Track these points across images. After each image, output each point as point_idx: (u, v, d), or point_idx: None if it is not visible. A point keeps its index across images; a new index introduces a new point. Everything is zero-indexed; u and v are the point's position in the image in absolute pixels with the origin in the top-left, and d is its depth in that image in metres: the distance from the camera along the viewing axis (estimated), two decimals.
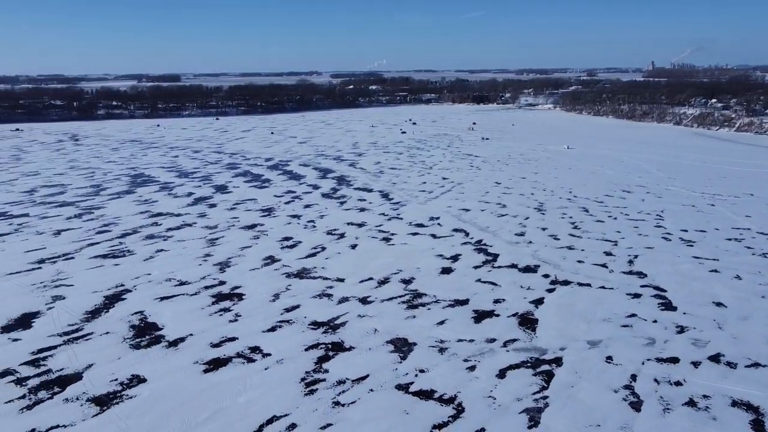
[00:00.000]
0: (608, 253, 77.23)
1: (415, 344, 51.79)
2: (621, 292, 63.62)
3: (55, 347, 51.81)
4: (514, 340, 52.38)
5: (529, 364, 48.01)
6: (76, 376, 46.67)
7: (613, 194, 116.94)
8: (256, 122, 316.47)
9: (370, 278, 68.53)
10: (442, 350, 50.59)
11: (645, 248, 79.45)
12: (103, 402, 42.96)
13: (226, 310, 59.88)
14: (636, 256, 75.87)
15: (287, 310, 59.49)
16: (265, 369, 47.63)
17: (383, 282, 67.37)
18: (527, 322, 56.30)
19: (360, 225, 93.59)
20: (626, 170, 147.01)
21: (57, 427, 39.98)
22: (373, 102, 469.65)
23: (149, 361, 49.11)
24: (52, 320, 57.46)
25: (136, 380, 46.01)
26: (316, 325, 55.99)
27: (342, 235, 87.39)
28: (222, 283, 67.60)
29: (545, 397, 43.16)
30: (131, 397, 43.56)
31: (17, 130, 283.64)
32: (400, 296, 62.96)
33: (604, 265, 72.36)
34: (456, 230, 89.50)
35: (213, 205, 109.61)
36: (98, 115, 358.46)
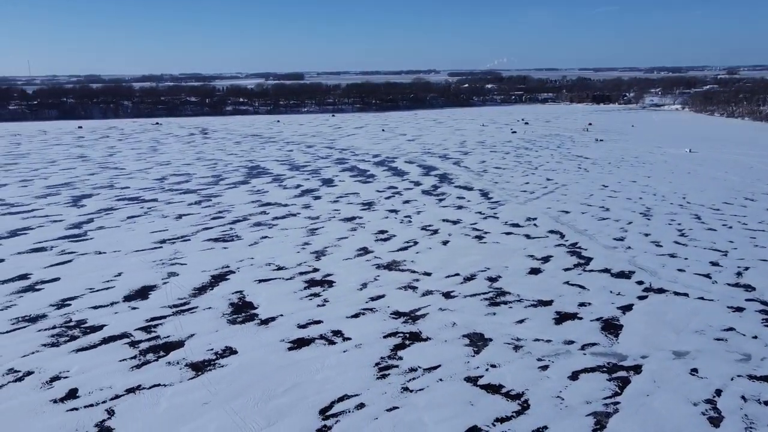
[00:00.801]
0: (714, 264, 72.67)
1: (490, 340, 52.43)
2: (721, 304, 59.99)
3: (164, 317, 58.06)
4: (593, 344, 51.44)
5: (604, 369, 47.11)
6: (179, 344, 52.19)
7: (732, 202, 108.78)
8: (369, 119, 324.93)
9: (457, 274, 69.61)
10: (516, 348, 50.85)
11: (758, 260, 73.85)
12: (199, 368, 47.87)
13: (316, 295, 63.67)
14: (746, 269, 70.81)
15: (372, 299, 62.18)
16: (344, 351, 50.48)
17: (469, 278, 68.20)
18: (611, 327, 54.91)
19: (455, 222, 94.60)
20: (754, 177, 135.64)
21: (158, 385, 45.24)
22: (487, 101, 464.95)
23: (242, 335, 53.71)
24: (165, 294, 64.21)
25: (229, 351, 50.65)
26: (397, 314, 58.16)
27: (435, 231, 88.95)
28: (316, 270, 71.71)
29: (616, 403, 42.34)
30: (222, 366, 48.13)
31: (157, 123, 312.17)
32: (483, 293, 63.57)
33: (707, 276, 68.32)
34: (552, 232, 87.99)
35: (318, 197, 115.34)
36: (226, 110, 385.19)
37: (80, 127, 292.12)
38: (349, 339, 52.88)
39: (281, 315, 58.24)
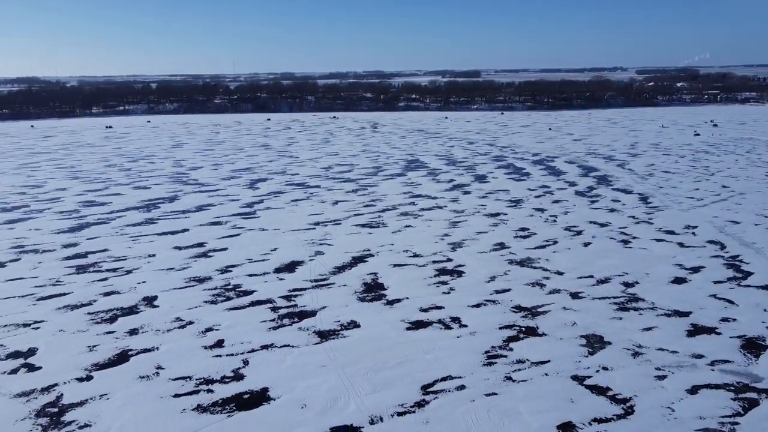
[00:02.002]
0: None
1: (609, 343, 51.02)
2: None
3: (304, 289, 64.62)
4: (725, 362, 47.75)
5: (731, 388, 43.76)
6: (312, 313, 58.07)
7: None
8: (538, 118, 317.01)
9: (590, 276, 67.72)
10: (636, 354, 48.99)
11: None
12: (324, 335, 53.11)
13: (444, 283, 66.20)
14: None
15: (497, 292, 63.18)
16: (457, 337, 52.54)
17: (603, 281, 66.04)
18: (753, 346, 50.30)
19: (602, 225, 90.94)
20: None
21: (287, 346, 51.20)
22: (673, 100, 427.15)
23: (367, 312, 58.15)
24: (309, 269, 71.09)
25: (353, 325, 55.31)
26: (518, 309, 58.66)
27: (579, 233, 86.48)
28: (449, 260, 74.19)
29: (735, 423, 39.45)
30: (345, 337, 52.87)
31: (334, 117, 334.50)
32: (614, 297, 61.38)
33: None
34: (711, 242, 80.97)
35: (467, 192, 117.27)
36: (399, 106, 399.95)
37: (269, 119, 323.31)
38: (465, 326, 54.75)
39: (407, 298, 61.73)
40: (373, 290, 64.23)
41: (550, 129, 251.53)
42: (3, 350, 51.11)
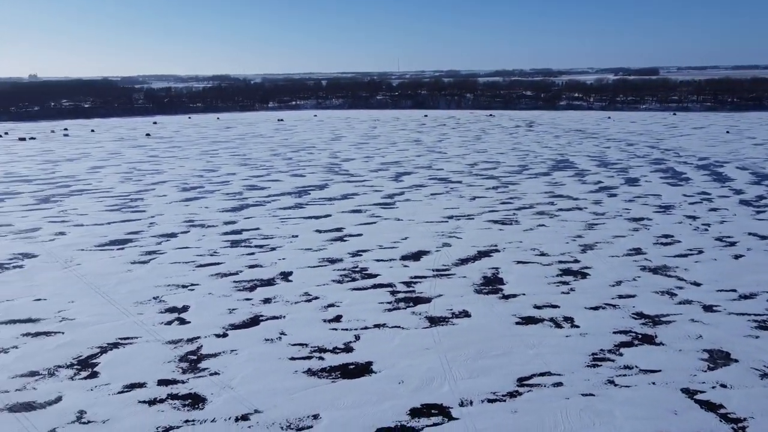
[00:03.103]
0: None
1: (736, 361, 47.28)
2: None
3: (425, 277, 67.35)
4: None
5: None
6: (427, 300, 60.63)
7: None
8: (716, 120, 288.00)
9: (733, 290, 62.34)
10: (764, 376, 44.95)
11: None
12: (434, 321, 55.42)
13: (565, 283, 65.07)
14: None
15: (620, 297, 60.82)
16: (566, 336, 51.92)
17: (746, 297, 60.54)
18: None
19: (763, 238, 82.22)
20: None
21: (398, 327, 54.30)
22: None
23: (480, 304, 59.35)
24: (434, 260, 73.65)
25: (464, 314, 56.94)
26: (639, 315, 56.17)
27: (732, 244, 79.23)
28: (576, 261, 72.41)
29: None
30: (453, 324, 54.74)
31: (491, 115, 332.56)
32: (755, 314, 56.16)
33: None
34: None
35: (613, 195, 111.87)
36: (559, 105, 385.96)
37: (426, 116, 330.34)
38: (576, 327, 53.82)
39: (523, 294, 61.83)
40: (491, 284, 65.09)
41: (727, 132, 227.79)
42: (163, 305, 60.31)
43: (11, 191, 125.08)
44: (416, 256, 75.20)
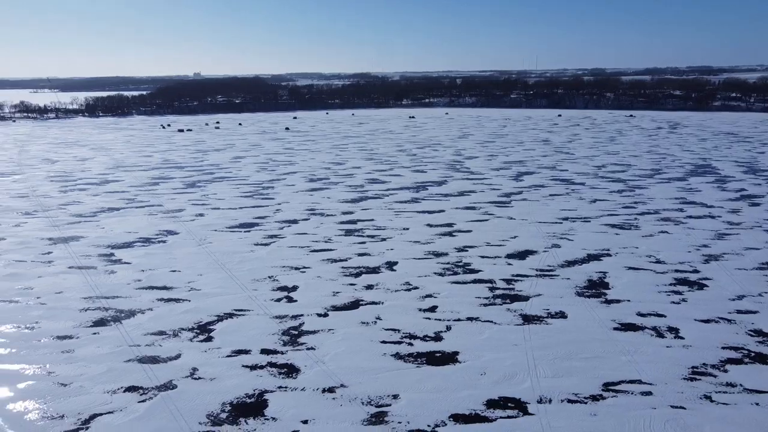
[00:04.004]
0: None
1: None
2: None
3: (527, 276, 66.94)
4: None
5: None
6: (525, 298, 60.41)
7: None
8: None
9: None
10: None
11: None
12: (528, 319, 55.31)
13: (677, 293, 61.54)
14: None
15: (739, 312, 56.55)
16: (666, 347, 49.51)
17: None
18: None
19: None
20: None
21: (490, 321, 54.92)
22: None
23: (579, 306, 58.08)
24: (540, 260, 72.75)
25: (559, 315, 56.18)
26: (757, 333, 52.03)
27: None
28: (695, 271, 67.96)
29: None
30: (547, 324, 54.28)
31: (630, 116, 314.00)
32: None
33: None
34: None
35: (756, 204, 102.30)
36: (712, 105, 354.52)
37: (559, 115, 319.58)
38: (681, 338, 51.10)
39: (628, 300, 59.51)
40: (595, 287, 63.25)
41: None
42: (276, 284, 65.72)
43: (166, 176, 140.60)
44: (522, 255, 74.70)
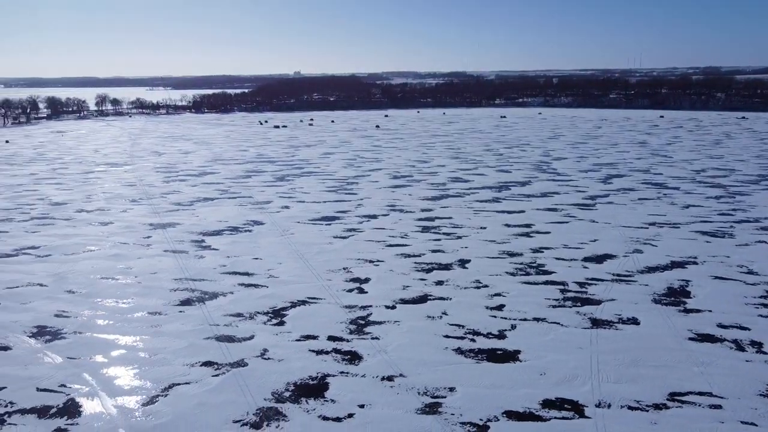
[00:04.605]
0: None
1: None
2: None
3: (602, 280, 65.16)
4: None
5: None
6: (596, 302, 59.01)
7: None
8: None
9: None
10: None
11: None
12: (597, 324, 54.08)
13: (766, 305, 57.85)
14: None
15: None
16: (746, 361, 46.88)
17: None
18: None
19: None
20: None
21: (557, 323, 54.18)
22: None
23: (655, 314, 55.97)
24: (618, 264, 70.52)
25: (631, 321, 54.46)
26: None
27: None
28: None
29: None
30: (616, 329, 52.86)
31: (742, 118, 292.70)
32: None
33: None
34: None
35: None
36: None
37: (661, 117, 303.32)
38: (764, 353, 48.20)
39: (709, 311, 56.68)
40: (674, 295, 60.63)
41: None
42: (349, 275, 68.09)
43: (258, 170, 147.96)
44: (600, 258, 72.69)
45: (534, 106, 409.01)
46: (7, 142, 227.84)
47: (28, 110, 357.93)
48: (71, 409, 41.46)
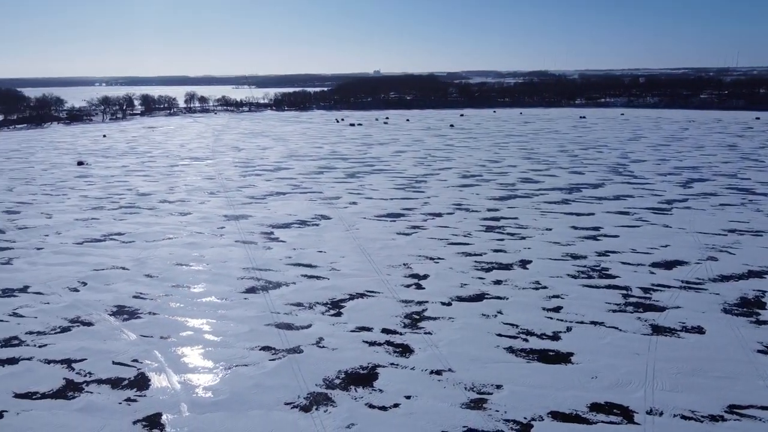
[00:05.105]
0: None
1: None
2: None
3: (668, 287, 62.85)
4: None
5: None
6: (660, 309, 57.08)
7: None
8: None
9: None
10: None
11: None
12: (657, 330, 52.41)
13: None
14: None
15: None
16: None
17: None
18: None
19: None
20: None
21: (615, 328, 52.97)
22: None
23: (722, 323, 53.60)
24: (688, 271, 67.72)
25: (696, 330, 52.40)
26: None
27: None
28: None
29: None
30: (677, 337, 51.08)
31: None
32: None
33: None
34: None
35: None
36: None
37: (757, 118, 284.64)
38: None
39: None
40: (747, 306, 57.73)
41: None
42: (409, 271, 69.15)
43: (330, 166, 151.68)
44: (669, 264, 70.06)
45: (617, 107, 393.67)
46: (104, 136, 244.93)
47: (125, 107, 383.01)
48: (141, 382, 44.95)
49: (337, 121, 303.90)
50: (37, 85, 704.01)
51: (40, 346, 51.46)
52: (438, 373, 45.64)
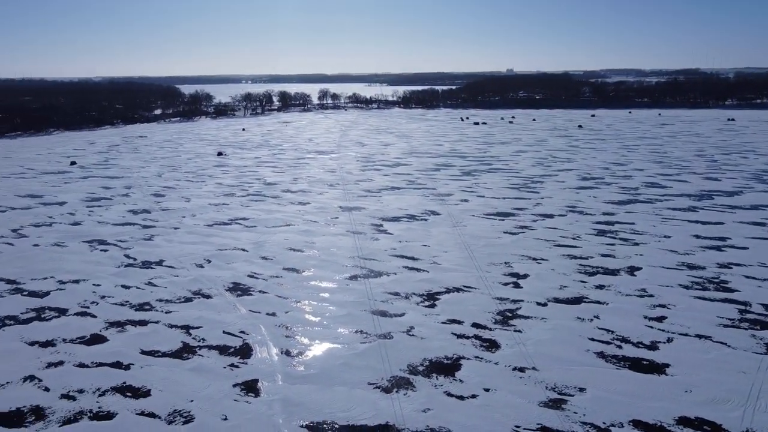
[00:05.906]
0: None
1: None
2: None
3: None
4: None
5: None
6: None
7: None
8: None
9: None
10: None
11: None
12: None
13: None
14: None
15: None
16: None
17: None
18: None
19: None
20: None
21: (724, 344, 49.65)
22: None
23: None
24: None
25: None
26: None
27: None
28: None
29: None
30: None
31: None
32: None
33: None
34: None
35: None
36: None
37: None
38: None
39: None
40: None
41: None
42: (509, 269, 68.95)
43: (448, 164, 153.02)
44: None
45: None
46: (243, 129, 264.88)
47: (264, 103, 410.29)
48: (245, 351, 49.67)
49: (462, 120, 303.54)
50: (194, 82, 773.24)
51: (166, 312, 58.33)
52: (521, 370, 45.78)
